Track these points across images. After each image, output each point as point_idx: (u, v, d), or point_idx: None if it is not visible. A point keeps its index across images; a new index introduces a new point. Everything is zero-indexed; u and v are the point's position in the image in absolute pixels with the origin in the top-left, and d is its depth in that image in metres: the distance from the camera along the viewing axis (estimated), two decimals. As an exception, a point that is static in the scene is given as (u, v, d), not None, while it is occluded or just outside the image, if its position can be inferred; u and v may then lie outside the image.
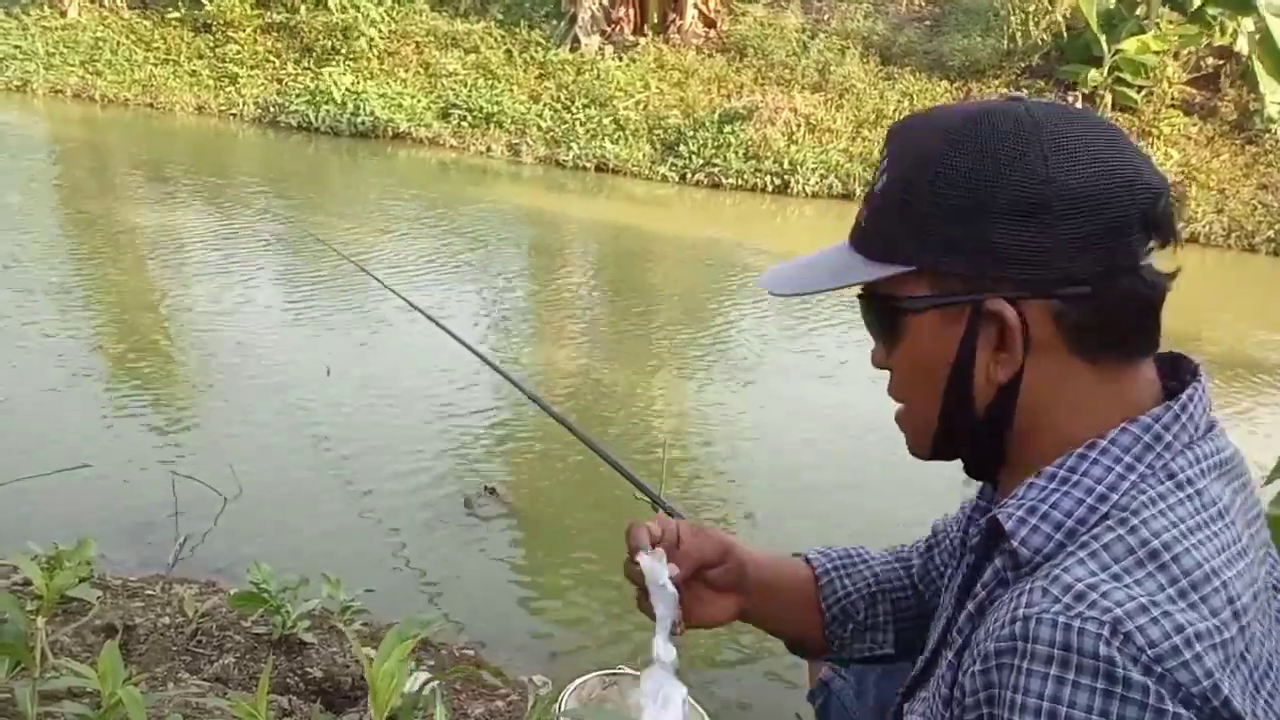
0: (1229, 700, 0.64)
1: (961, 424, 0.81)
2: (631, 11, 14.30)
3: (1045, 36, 12.85)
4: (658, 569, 0.94)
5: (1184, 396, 0.77)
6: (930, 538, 1.12)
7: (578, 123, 12.49)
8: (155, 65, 14.16)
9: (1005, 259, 0.75)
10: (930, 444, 0.86)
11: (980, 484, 0.95)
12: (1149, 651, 0.64)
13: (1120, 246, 0.75)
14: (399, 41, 14.20)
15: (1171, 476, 0.73)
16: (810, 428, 4.75)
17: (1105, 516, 0.72)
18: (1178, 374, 0.82)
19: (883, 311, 0.84)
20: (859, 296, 0.86)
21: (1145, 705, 0.63)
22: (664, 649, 0.94)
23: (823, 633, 1.08)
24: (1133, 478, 0.73)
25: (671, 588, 0.95)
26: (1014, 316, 0.76)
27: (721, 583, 1.03)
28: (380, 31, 14.05)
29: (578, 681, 2.08)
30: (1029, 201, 0.73)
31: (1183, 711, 0.63)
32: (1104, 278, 0.75)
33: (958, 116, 0.79)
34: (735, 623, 1.13)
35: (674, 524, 1.02)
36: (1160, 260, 0.79)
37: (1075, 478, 0.74)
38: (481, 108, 12.79)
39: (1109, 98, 11.68)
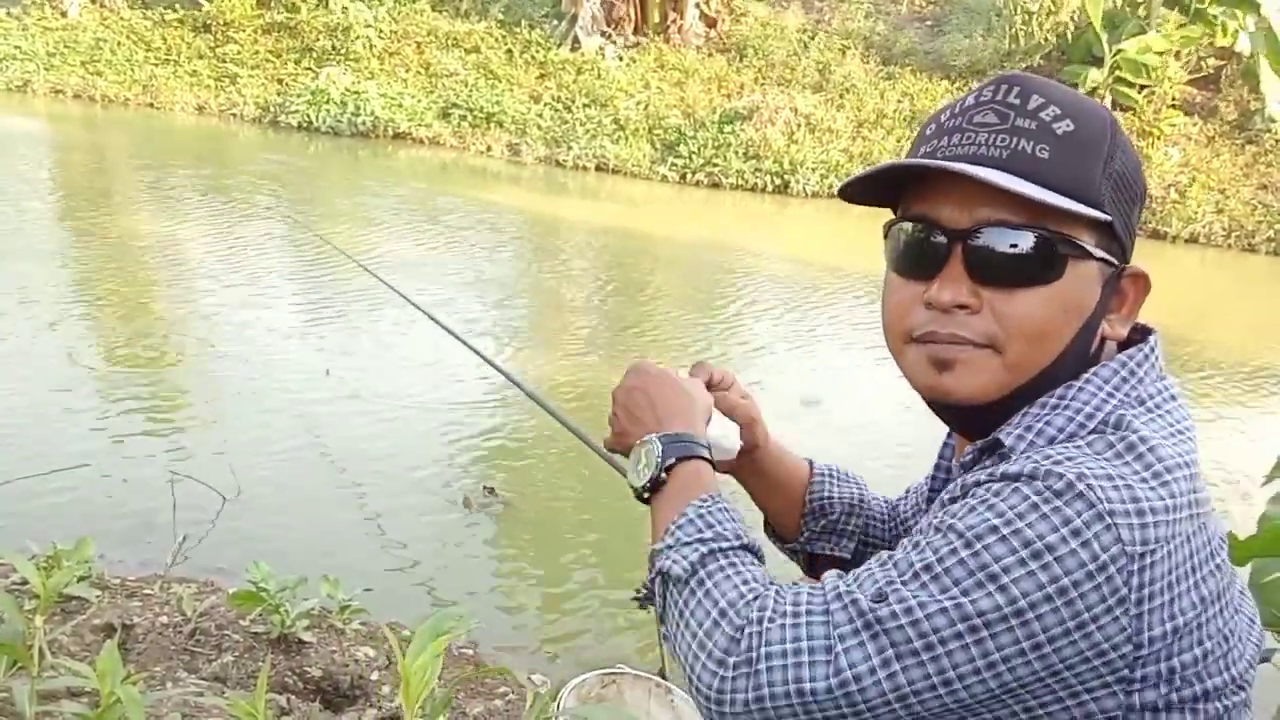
0: (1150, 567, 0.72)
1: (1066, 373, 0.85)
2: (632, 12, 14.30)
3: (1049, 37, 12.85)
4: (729, 435, 1.11)
5: (1151, 341, 0.88)
6: (903, 495, 1.23)
7: (578, 123, 12.49)
8: (155, 65, 14.17)
9: (1129, 234, 0.86)
10: (1010, 390, 0.84)
11: (945, 445, 1.04)
12: (1103, 504, 0.72)
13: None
14: (399, 41, 14.20)
15: (1142, 403, 0.83)
16: (809, 427, 4.75)
17: (1092, 430, 0.81)
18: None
19: (1053, 247, 0.81)
20: (999, 225, 0.81)
21: (1057, 529, 0.71)
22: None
23: (798, 520, 1.19)
24: (1113, 403, 0.83)
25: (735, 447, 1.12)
26: (1147, 283, 0.88)
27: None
28: (380, 32, 14.05)
29: (576, 680, 2.08)
30: (1141, 191, 0.87)
31: (1109, 547, 0.70)
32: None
33: (1080, 94, 0.86)
34: None
35: (730, 378, 1.13)
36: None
37: (1065, 402, 0.84)
38: (482, 108, 12.79)
39: (1109, 97, 11.67)
